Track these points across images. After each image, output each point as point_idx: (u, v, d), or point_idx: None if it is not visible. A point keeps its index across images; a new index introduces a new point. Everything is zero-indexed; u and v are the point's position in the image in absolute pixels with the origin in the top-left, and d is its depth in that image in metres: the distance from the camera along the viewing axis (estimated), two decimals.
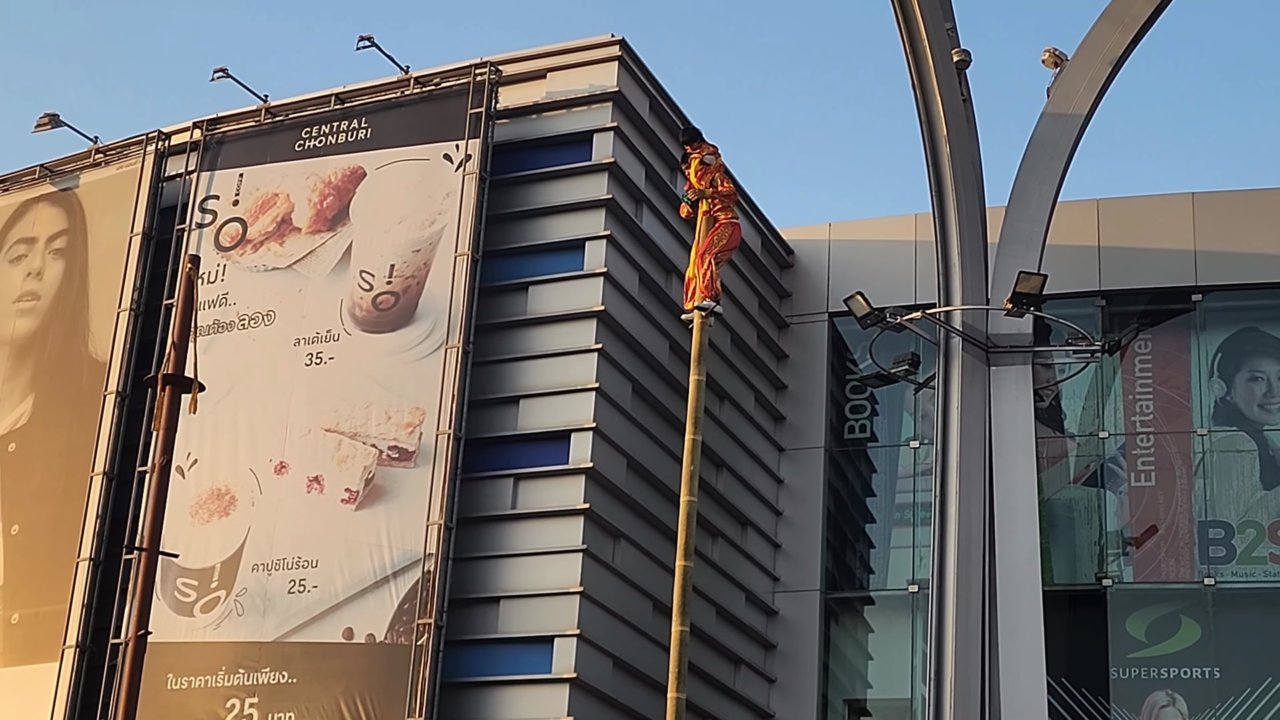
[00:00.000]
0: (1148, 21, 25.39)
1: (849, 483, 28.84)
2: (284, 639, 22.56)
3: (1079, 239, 27.49)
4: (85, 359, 25.76)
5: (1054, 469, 27.38)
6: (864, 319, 25.03)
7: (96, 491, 24.48)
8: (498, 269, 23.91)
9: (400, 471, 22.74)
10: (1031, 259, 24.64)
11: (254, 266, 24.91)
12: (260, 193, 25.33)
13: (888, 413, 28.60)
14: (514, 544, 22.66)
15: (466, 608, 22.34)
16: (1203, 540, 26.46)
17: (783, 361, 28.67)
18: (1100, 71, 25.42)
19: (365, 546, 22.49)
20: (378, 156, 24.72)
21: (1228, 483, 26.78)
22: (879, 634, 27.86)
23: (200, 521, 23.60)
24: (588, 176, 24.00)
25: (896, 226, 28.73)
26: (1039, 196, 25.17)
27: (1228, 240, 27.41)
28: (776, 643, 27.22)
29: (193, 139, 26.13)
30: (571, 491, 22.60)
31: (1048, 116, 25.55)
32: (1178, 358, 27.53)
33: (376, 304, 23.83)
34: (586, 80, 24.38)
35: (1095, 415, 27.54)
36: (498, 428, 23.25)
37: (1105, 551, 26.85)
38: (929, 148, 25.10)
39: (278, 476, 23.42)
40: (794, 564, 27.63)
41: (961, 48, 25.12)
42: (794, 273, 29.13)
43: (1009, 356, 24.78)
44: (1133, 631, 26.20)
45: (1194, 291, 27.46)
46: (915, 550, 27.40)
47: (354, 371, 23.53)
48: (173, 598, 23.24)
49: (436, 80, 24.77)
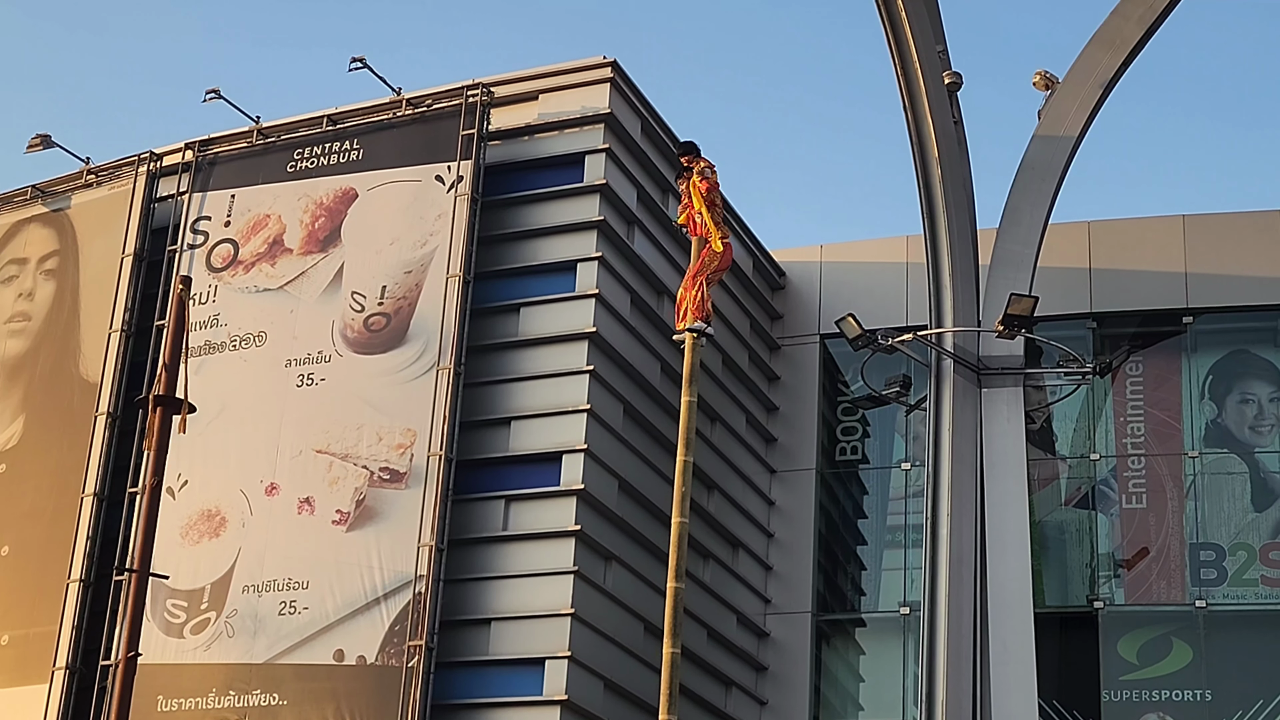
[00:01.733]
0: (1138, 45, 25.49)
1: (840, 504, 28.83)
2: (274, 660, 22.52)
3: (1070, 261, 27.53)
4: (76, 380, 25.74)
5: (1045, 491, 27.37)
6: (855, 341, 25.08)
7: (87, 512, 24.44)
8: (489, 290, 23.91)
9: (391, 493, 22.71)
10: (1023, 281, 24.69)
11: (245, 287, 24.91)
12: (252, 214, 25.34)
13: (879, 434, 28.59)
14: (505, 565, 22.64)
15: (457, 629, 22.31)
16: (1194, 562, 26.46)
17: (774, 383, 28.68)
18: (1091, 94, 25.50)
19: (356, 568, 22.46)
20: (370, 178, 24.73)
21: (1219, 505, 26.78)
22: (870, 656, 27.83)
23: (191, 543, 23.56)
24: (579, 198, 24.03)
25: (888, 248, 28.76)
26: (1030, 219, 25.23)
27: (1219, 263, 27.44)
28: (768, 665, 27.19)
29: (184, 160, 26.15)
30: (563, 513, 22.58)
31: (1039, 139, 25.61)
32: (1169, 380, 27.55)
33: (368, 325, 23.83)
34: (578, 102, 24.42)
35: (1086, 437, 27.55)
36: (489, 449, 23.23)
37: (1097, 573, 26.84)
38: (920, 170, 25.15)
39: (269, 498, 23.39)
40: (785, 586, 27.61)
41: (953, 70, 25.20)
42: (786, 294, 29.16)
43: (1000, 378, 24.82)
44: (1124, 654, 26.19)
45: (1185, 314, 27.49)
46: (907, 572, 27.39)
47: (345, 393, 23.52)
48: (163, 619, 23.20)
49: (428, 102, 24.80)
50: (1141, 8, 25.46)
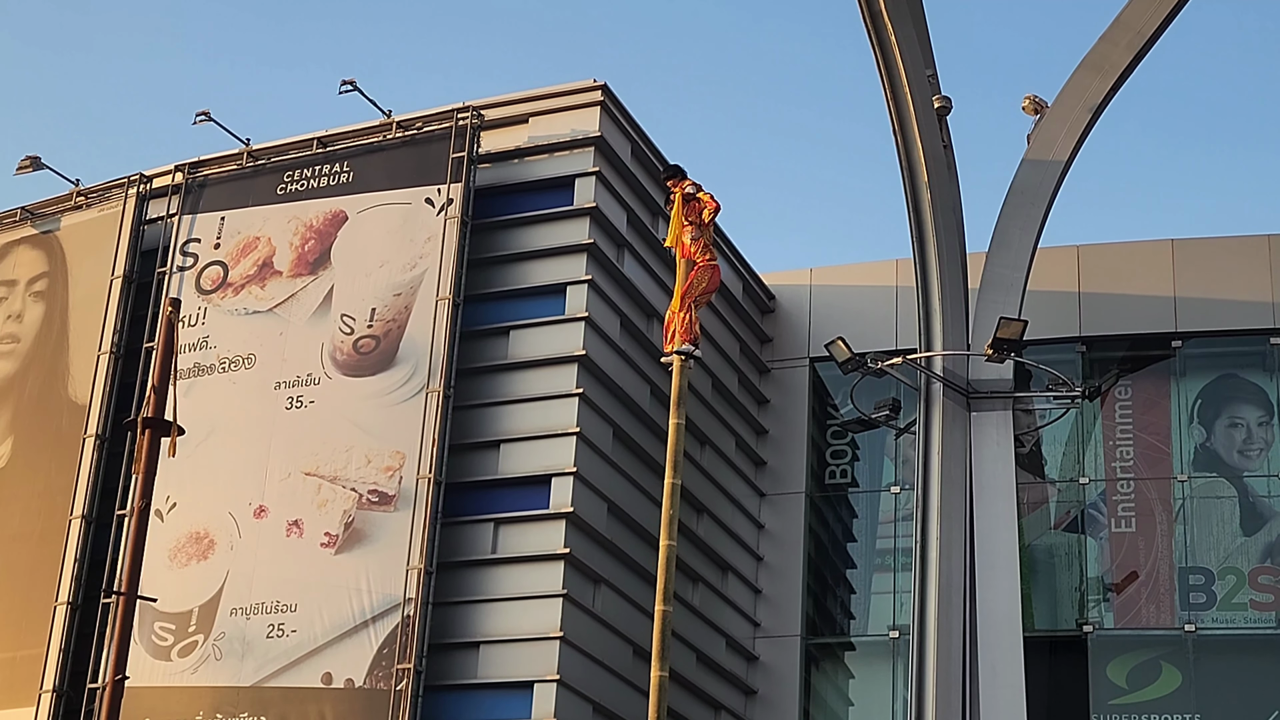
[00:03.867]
0: (1127, 70, 25.55)
1: (830, 528, 28.81)
2: (262, 684, 22.45)
3: (1059, 285, 27.57)
4: (65, 401, 25.69)
5: (1035, 514, 27.37)
6: (845, 364, 25.08)
7: (75, 534, 24.38)
8: (479, 313, 23.90)
9: (380, 515, 22.68)
10: (1012, 305, 24.71)
11: (235, 310, 24.89)
12: (242, 236, 25.33)
13: (869, 458, 28.59)
14: (494, 589, 22.60)
15: (446, 652, 22.27)
16: (1183, 586, 26.46)
17: (764, 406, 28.67)
18: (1080, 119, 25.56)
19: (344, 591, 22.40)
20: (360, 200, 24.73)
21: (1208, 529, 26.79)
22: (860, 679, 27.79)
23: (179, 565, 23.51)
24: (569, 221, 24.04)
25: (878, 272, 28.79)
26: (1019, 242, 25.26)
27: (1208, 287, 27.49)
28: (757, 688, 27.14)
29: (174, 182, 26.14)
30: (552, 536, 22.56)
31: (1028, 163, 25.66)
32: (1158, 404, 27.58)
33: (357, 347, 23.81)
34: (569, 125, 24.44)
35: (1076, 461, 27.56)
36: (478, 472, 23.21)
37: (1086, 597, 26.83)
38: (910, 193, 25.17)
39: (257, 520, 23.35)
40: (774, 609, 27.57)
41: (942, 94, 25.25)
42: (775, 317, 29.17)
43: (990, 402, 24.82)
44: (1113, 678, 26.16)
45: (1174, 338, 27.54)
46: (896, 595, 27.36)
47: (334, 415, 23.49)
48: (150, 641, 23.13)
49: (419, 124, 24.81)
50: (1130, 34, 25.52)
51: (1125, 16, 25.59)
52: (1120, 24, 25.60)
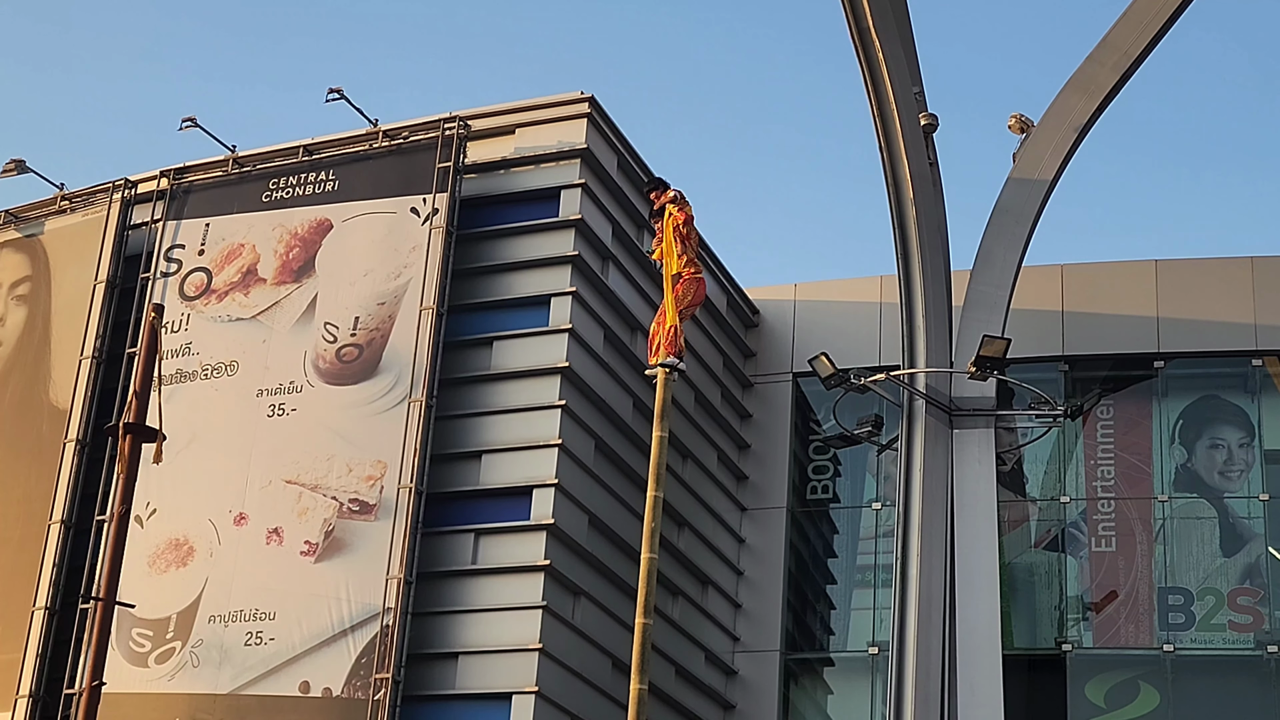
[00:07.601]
0: (1112, 90, 25.61)
1: (810, 543, 28.81)
2: (239, 691, 22.39)
3: (1043, 304, 27.61)
4: (46, 406, 25.62)
5: (1015, 533, 27.39)
6: (828, 380, 25.08)
7: (54, 540, 24.30)
8: (463, 323, 23.88)
9: (361, 525, 22.64)
10: (995, 323, 24.74)
11: (218, 316, 24.84)
12: (226, 243, 25.29)
13: (850, 474, 28.60)
14: (474, 599, 22.57)
15: (425, 663, 22.22)
16: (1163, 606, 26.49)
17: (746, 421, 28.67)
18: (1065, 138, 25.61)
19: (324, 599, 22.36)
20: (345, 209, 24.71)
21: (1188, 549, 26.83)
22: (838, 695, 27.78)
23: (158, 571, 23.45)
24: (554, 233, 24.04)
25: (862, 288, 28.82)
26: (1003, 261, 25.30)
27: (1190, 308, 27.56)
28: (735, 703, 27.12)
29: (159, 188, 26.09)
30: (532, 547, 22.52)
31: (1013, 182, 25.70)
32: (1139, 424, 27.62)
33: (340, 356, 23.78)
34: (555, 136, 24.44)
35: (1057, 480, 27.59)
36: (459, 482, 23.19)
37: (1065, 616, 26.85)
38: (895, 210, 25.21)
39: (237, 527, 23.30)
40: (754, 624, 27.55)
41: (929, 112, 25.28)
42: (759, 332, 29.18)
43: (972, 420, 24.85)
44: (1092, 697, 26.17)
45: (1156, 358, 27.59)
46: (876, 612, 27.36)
47: (316, 424, 23.45)
48: (127, 648, 23.05)
49: (405, 134, 24.81)
50: (1117, 54, 25.59)
51: (1112, 37, 25.66)
52: (1107, 45, 25.68)
